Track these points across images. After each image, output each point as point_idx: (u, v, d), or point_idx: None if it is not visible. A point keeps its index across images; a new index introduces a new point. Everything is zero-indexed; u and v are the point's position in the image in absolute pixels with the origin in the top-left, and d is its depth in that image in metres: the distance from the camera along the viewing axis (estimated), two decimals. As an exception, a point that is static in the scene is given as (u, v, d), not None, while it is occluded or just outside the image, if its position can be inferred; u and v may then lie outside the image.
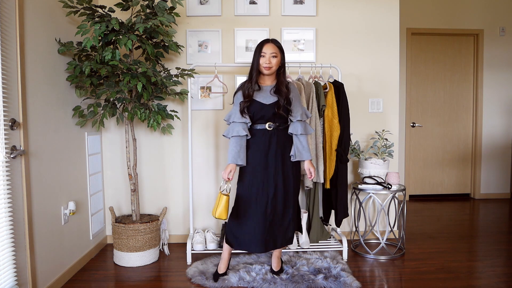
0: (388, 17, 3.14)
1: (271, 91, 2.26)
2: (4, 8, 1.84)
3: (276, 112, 2.21)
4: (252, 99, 2.23)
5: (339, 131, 2.72)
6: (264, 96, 2.25)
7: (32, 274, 2.03)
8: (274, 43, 2.24)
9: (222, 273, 2.38)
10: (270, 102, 2.24)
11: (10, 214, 1.86)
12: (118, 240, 2.66)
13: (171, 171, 3.12)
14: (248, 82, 2.27)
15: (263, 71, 2.24)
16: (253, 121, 2.27)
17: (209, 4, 3.03)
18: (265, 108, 2.23)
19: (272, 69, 2.23)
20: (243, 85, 2.29)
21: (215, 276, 2.37)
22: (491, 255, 2.83)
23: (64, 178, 2.46)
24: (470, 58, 4.70)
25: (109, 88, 2.45)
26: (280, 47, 2.25)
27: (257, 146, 2.25)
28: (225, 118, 2.32)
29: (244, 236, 2.25)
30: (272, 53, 2.20)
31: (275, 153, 2.25)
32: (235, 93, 2.33)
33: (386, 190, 2.76)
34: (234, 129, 2.24)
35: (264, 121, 2.25)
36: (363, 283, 2.33)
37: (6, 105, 1.84)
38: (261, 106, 2.23)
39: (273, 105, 2.23)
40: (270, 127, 2.25)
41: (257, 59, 2.22)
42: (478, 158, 4.72)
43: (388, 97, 3.19)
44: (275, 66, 2.23)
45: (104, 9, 2.44)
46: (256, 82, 2.25)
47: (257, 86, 2.25)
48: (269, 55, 2.20)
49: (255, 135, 2.27)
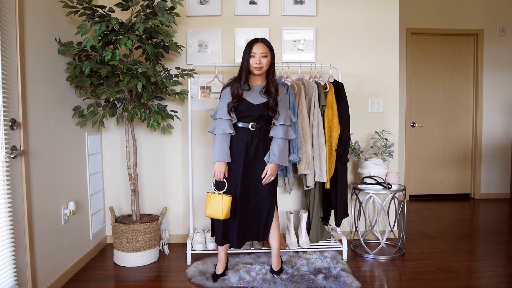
0: (388, 17, 3.14)
1: (261, 92, 2.27)
2: (4, 8, 1.84)
3: (265, 113, 2.22)
4: (241, 98, 2.25)
5: (339, 131, 2.72)
6: (253, 96, 2.26)
7: (32, 274, 2.03)
8: (264, 42, 2.23)
9: (220, 273, 2.38)
10: (258, 103, 2.25)
11: (10, 214, 1.86)
12: (118, 240, 2.66)
13: (171, 171, 3.12)
14: (237, 82, 2.26)
15: (254, 72, 2.24)
16: (238, 119, 2.27)
17: (209, 4, 3.03)
18: (253, 108, 2.24)
19: (263, 69, 2.24)
20: (232, 84, 2.29)
21: (214, 277, 2.37)
22: (491, 255, 2.82)
23: (64, 178, 2.46)
24: (470, 58, 4.70)
25: (109, 88, 2.45)
26: (270, 47, 2.24)
27: (238, 144, 2.27)
28: (211, 114, 2.33)
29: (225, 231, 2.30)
30: (262, 53, 2.20)
31: (254, 154, 2.27)
32: (223, 89, 2.33)
33: (386, 190, 2.76)
34: (221, 126, 2.25)
35: (248, 121, 2.26)
36: (363, 283, 2.33)
37: (6, 105, 1.84)
38: (249, 105, 2.24)
39: (262, 106, 2.24)
40: (253, 128, 2.26)
41: (247, 59, 2.23)
42: (478, 158, 4.72)
43: (388, 97, 3.19)
44: (265, 66, 2.23)
45: (104, 9, 2.44)
46: (246, 82, 2.25)
47: (247, 85, 2.26)
48: (259, 55, 2.20)
49: (237, 133, 2.28)
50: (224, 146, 2.23)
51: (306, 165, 2.65)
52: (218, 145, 2.24)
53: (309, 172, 2.66)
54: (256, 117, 2.25)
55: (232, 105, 2.23)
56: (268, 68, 2.27)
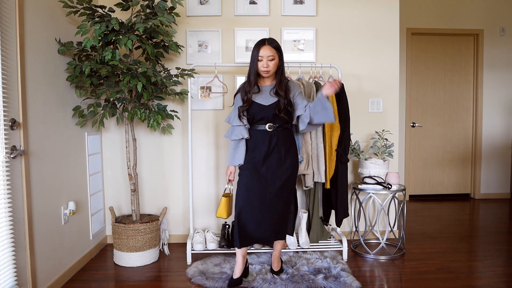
0: (388, 17, 3.14)
1: (271, 92, 2.25)
2: (4, 8, 1.84)
3: (277, 113, 2.21)
4: (252, 101, 2.24)
5: (339, 131, 2.72)
6: (263, 97, 2.25)
7: (32, 274, 2.03)
8: (271, 44, 2.19)
9: (236, 278, 2.28)
10: (269, 103, 2.23)
11: (10, 214, 1.86)
12: (118, 240, 2.66)
13: (171, 171, 3.12)
14: (247, 85, 2.26)
15: (262, 75, 2.24)
16: (254, 122, 2.27)
17: (209, 4, 3.03)
18: (265, 110, 2.23)
19: (271, 71, 2.22)
20: (242, 88, 2.30)
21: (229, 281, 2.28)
22: (491, 255, 2.82)
23: (64, 178, 2.46)
24: (470, 58, 4.70)
25: (109, 88, 2.45)
26: (277, 48, 2.21)
27: (258, 147, 2.26)
28: (226, 120, 2.36)
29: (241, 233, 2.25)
30: (269, 56, 2.18)
31: (276, 154, 2.25)
32: (235, 95, 2.35)
33: (386, 190, 2.76)
34: (233, 132, 2.28)
35: (264, 122, 2.25)
36: (363, 283, 2.33)
37: (6, 105, 1.84)
38: (261, 107, 2.23)
39: (273, 106, 2.22)
40: (270, 128, 2.25)
41: (255, 63, 2.21)
42: (478, 158, 4.72)
43: (388, 97, 3.19)
44: (273, 68, 2.21)
45: (104, 9, 2.44)
46: (255, 84, 2.24)
47: (256, 88, 2.25)
48: (266, 59, 2.18)
49: (256, 136, 2.27)
50: (235, 151, 2.29)
51: (306, 165, 2.65)
52: (230, 150, 2.32)
53: (309, 172, 2.66)
54: (271, 118, 2.23)
55: (243, 110, 2.24)
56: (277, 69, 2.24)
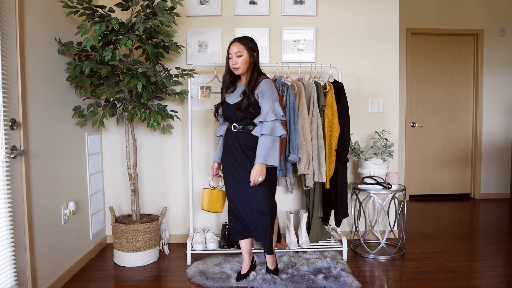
0: (388, 17, 3.14)
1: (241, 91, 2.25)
2: (4, 8, 1.85)
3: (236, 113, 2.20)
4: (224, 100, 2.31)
5: (339, 131, 2.72)
6: (233, 96, 2.28)
7: (32, 274, 2.03)
8: (239, 41, 2.20)
9: (244, 273, 2.36)
10: (233, 102, 2.24)
11: (10, 214, 1.86)
12: (118, 240, 2.66)
13: (171, 171, 3.12)
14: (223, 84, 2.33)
15: (234, 72, 2.25)
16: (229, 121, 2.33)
17: (209, 4, 3.03)
18: (230, 109, 2.26)
19: (241, 68, 2.20)
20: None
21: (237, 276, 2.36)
22: (491, 255, 2.83)
23: (64, 178, 2.46)
24: (470, 58, 4.70)
25: (109, 88, 2.46)
26: (244, 44, 2.19)
27: (227, 146, 2.33)
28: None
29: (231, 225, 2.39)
30: (237, 53, 2.18)
31: (239, 155, 2.24)
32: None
33: (386, 190, 2.76)
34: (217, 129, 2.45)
35: (231, 122, 2.29)
36: (363, 283, 2.33)
37: (6, 105, 1.84)
38: (228, 107, 2.28)
39: (235, 105, 2.23)
40: (235, 129, 2.26)
41: (227, 61, 2.25)
42: (478, 158, 4.72)
43: (388, 97, 3.19)
44: (242, 65, 2.19)
45: (104, 9, 2.44)
46: (229, 83, 2.29)
47: (232, 87, 2.30)
48: (234, 56, 2.19)
49: (227, 135, 2.33)
50: (217, 148, 2.46)
51: (306, 165, 2.65)
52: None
53: (309, 172, 2.66)
54: (235, 117, 2.24)
55: (216, 108, 2.35)
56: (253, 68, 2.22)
